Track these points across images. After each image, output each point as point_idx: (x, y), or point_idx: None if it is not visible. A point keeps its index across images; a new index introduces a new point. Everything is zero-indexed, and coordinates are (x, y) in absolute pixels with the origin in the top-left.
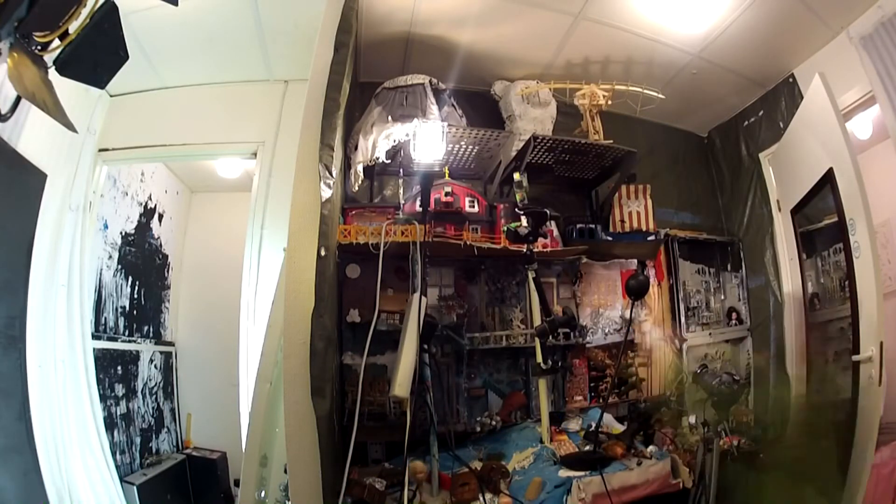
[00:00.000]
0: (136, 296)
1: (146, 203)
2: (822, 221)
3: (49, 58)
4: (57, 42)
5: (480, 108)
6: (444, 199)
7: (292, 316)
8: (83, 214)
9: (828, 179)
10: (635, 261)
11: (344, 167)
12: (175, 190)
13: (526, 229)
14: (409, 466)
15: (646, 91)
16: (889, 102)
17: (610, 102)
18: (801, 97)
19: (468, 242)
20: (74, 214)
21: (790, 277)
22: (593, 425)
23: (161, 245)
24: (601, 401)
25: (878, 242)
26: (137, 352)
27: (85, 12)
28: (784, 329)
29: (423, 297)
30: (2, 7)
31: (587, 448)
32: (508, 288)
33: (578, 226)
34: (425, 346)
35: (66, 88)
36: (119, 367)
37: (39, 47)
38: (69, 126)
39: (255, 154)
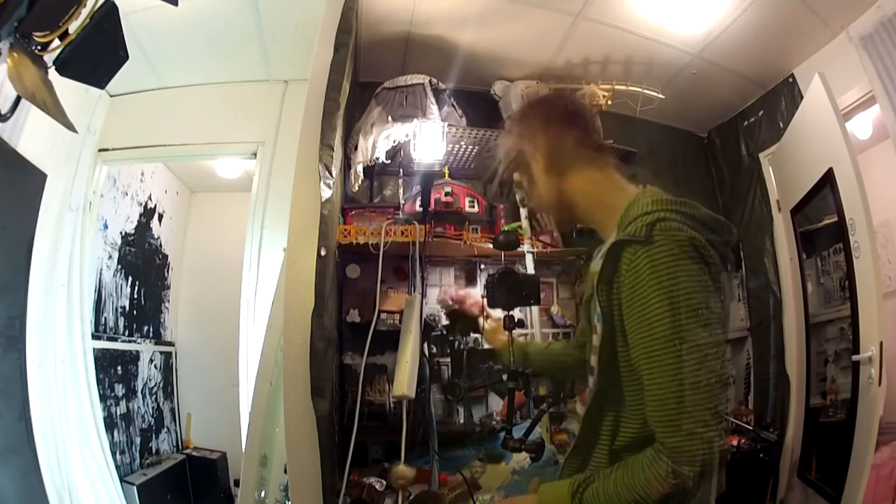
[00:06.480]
0: (135, 296)
1: (146, 203)
2: (822, 221)
3: (49, 58)
4: (57, 42)
5: (480, 108)
6: (444, 199)
7: (292, 316)
8: (83, 214)
9: (828, 179)
10: None
11: (344, 167)
12: (175, 190)
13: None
14: (392, 471)
15: (646, 91)
16: (889, 102)
17: (610, 102)
18: (801, 97)
19: (468, 242)
20: (74, 214)
21: (790, 277)
22: None
23: (161, 245)
24: None
25: (878, 242)
26: (137, 352)
27: (85, 12)
28: (784, 329)
29: (422, 298)
30: (2, 7)
31: None
32: None
33: (578, 226)
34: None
35: (66, 88)
36: (119, 367)
37: (39, 47)
38: (69, 126)
39: (255, 154)
